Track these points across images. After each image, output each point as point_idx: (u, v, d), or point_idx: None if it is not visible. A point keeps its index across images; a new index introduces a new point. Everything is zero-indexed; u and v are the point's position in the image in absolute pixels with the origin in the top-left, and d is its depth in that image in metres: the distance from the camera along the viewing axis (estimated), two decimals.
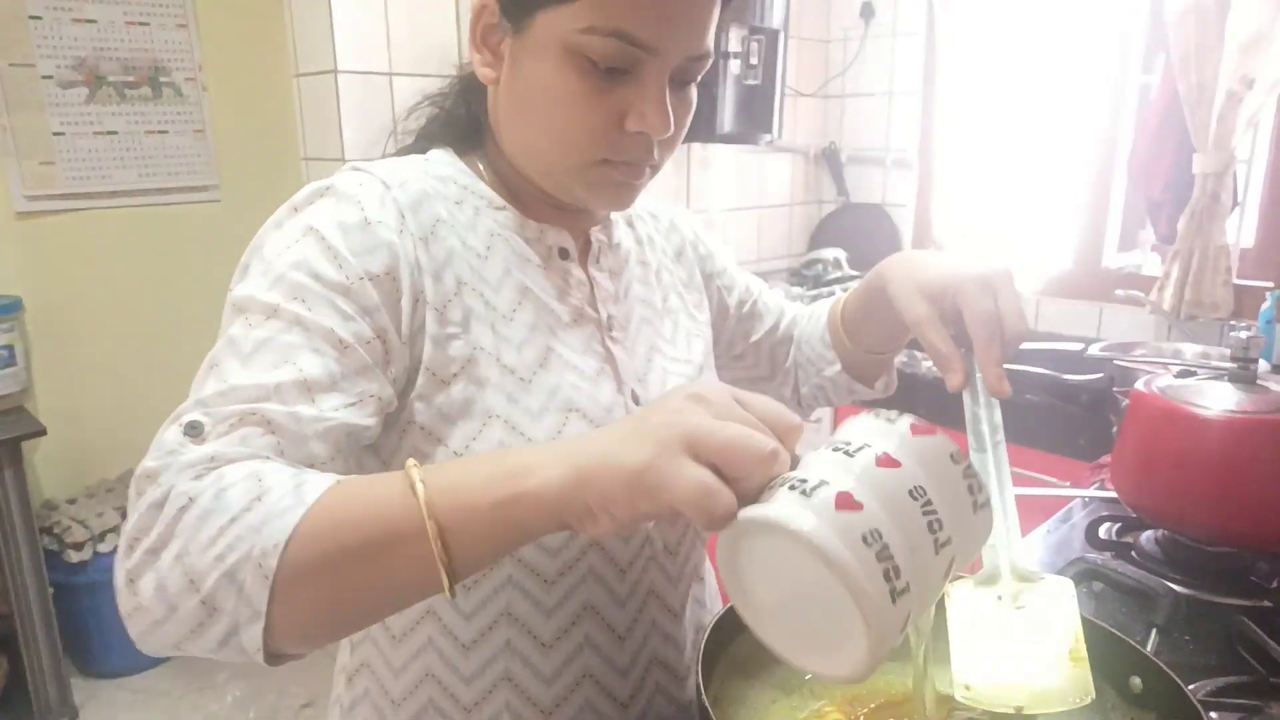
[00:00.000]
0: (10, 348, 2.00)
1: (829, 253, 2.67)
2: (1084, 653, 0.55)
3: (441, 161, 0.71)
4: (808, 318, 0.93)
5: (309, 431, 0.54)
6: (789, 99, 2.57)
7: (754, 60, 2.22)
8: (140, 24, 2.16)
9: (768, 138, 2.37)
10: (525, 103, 0.64)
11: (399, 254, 0.61)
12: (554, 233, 0.71)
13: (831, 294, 2.47)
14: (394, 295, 0.61)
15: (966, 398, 0.64)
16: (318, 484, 0.48)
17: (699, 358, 0.80)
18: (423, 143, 0.75)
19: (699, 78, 0.67)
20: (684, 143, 2.75)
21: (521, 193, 0.71)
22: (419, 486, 0.46)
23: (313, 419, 0.54)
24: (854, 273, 2.63)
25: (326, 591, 0.47)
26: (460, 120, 0.74)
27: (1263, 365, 0.96)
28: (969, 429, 0.63)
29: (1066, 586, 0.56)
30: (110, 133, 2.17)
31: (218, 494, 0.48)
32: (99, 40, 2.13)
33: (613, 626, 0.68)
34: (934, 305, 0.66)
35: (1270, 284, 1.98)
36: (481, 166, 0.72)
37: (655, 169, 0.68)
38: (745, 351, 0.92)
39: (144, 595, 0.47)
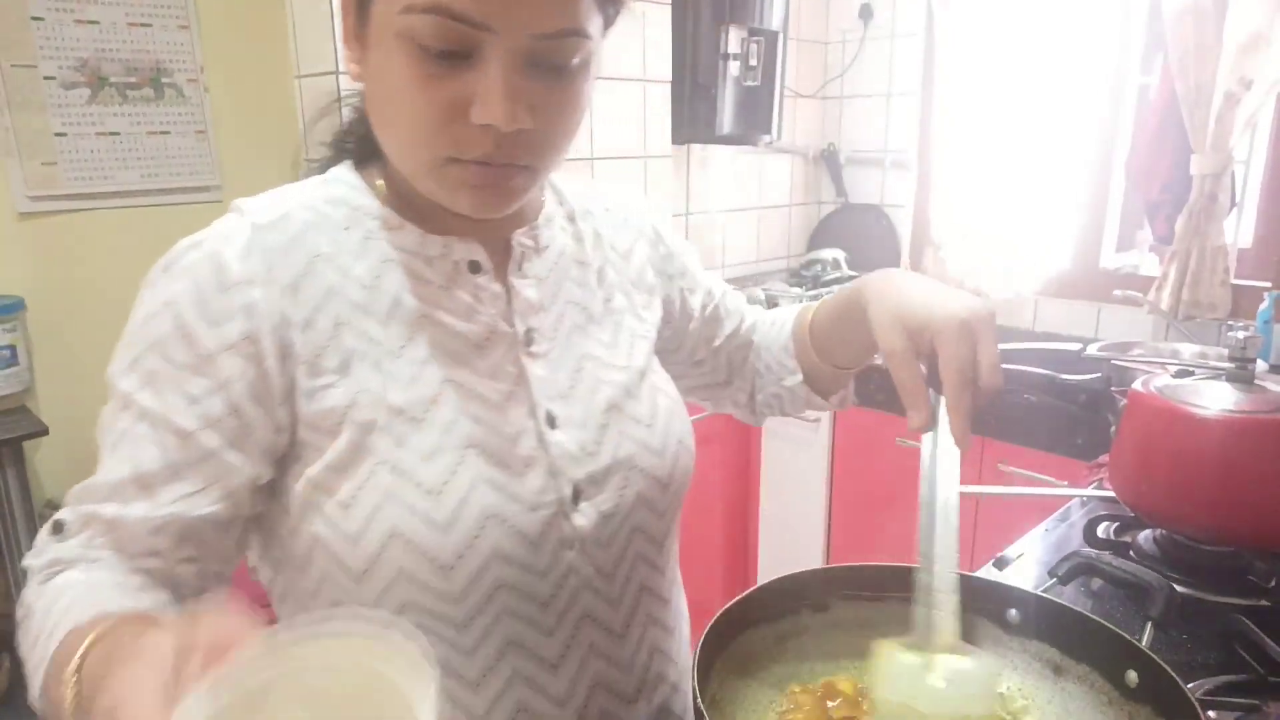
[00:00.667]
0: (12, 347, 2.01)
1: (828, 253, 2.68)
2: None
3: (339, 181, 0.66)
4: (770, 323, 0.88)
5: (141, 530, 0.57)
6: (788, 100, 2.57)
7: (753, 61, 2.23)
8: (142, 25, 2.16)
9: (767, 139, 2.38)
10: (376, 99, 0.60)
11: (260, 313, 0.58)
12: (461, 245, 0.66)
13: (830, 294, 2.48)
14: (256, 358, 0.58)
15: (925, 443, 0.61)
16: (60, 631, 0.51)
17: (641, 361, 0.74)
18: (335, 154, 0.71)
19: (574, 61, 0.58)
20: (683, 143, 2.73)
21: (420, 203, 0.65)
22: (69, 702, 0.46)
23: (142, 519, 0.57)
24: (853, 273, 2.64)
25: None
26: (359, 124, 0.68)
27: (1260, 365, 0.96)
28: (923, 476, 0.60)
29: (992, 668, 0.56)
30: (112, 133, 2.17)
31: (29, 616, 0.55)
32: (101, 41, 2.14)
33: (543, 657, 0.65)
34: (911, 340, 0.62)
35: (1268, 284, 1.99)
36: (382, 178, 0.67)
37: (532, 171, 0.61)
38: (706, 357, 0.87)
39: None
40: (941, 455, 0.59)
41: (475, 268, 0.66)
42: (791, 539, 2.39)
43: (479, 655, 0.63)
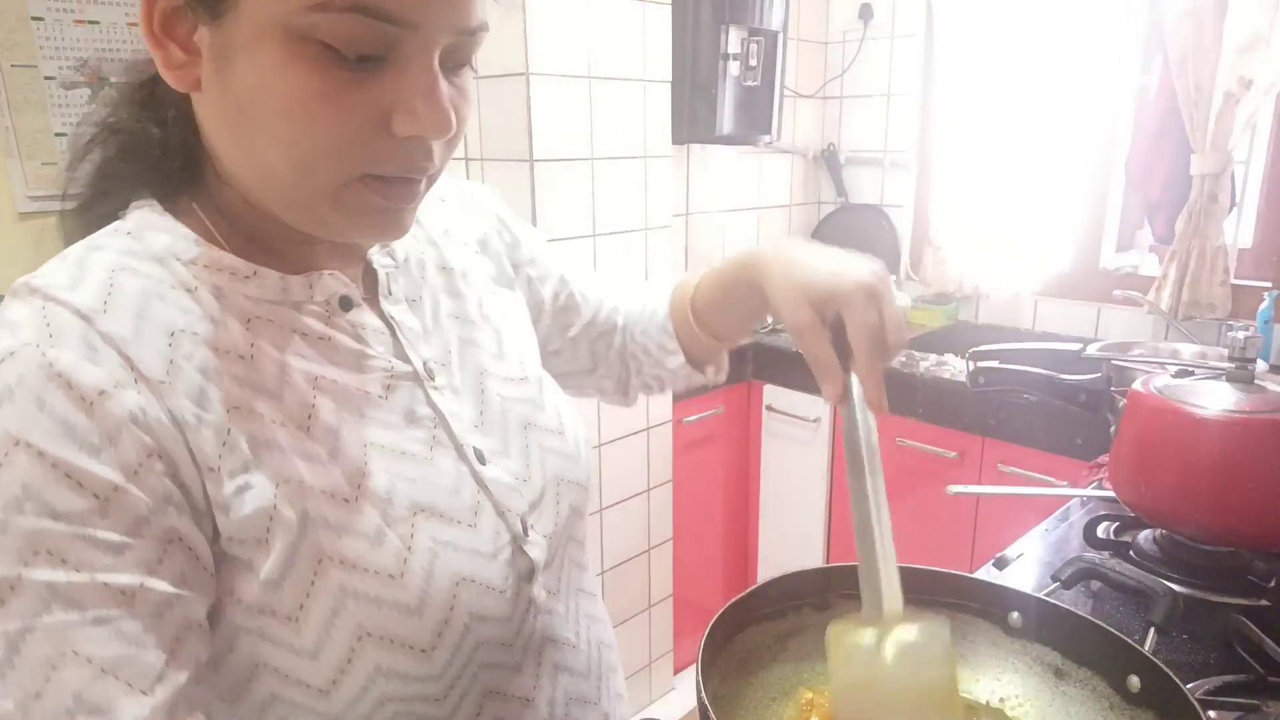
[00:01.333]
0: None
1: None
2: (957, 699, 0.55)
3: (151, 228, 0.52)
4: (640, 307, 0.84)
5: None
6: (788, 100, 2.57)
7: (753, 62, 2.23)
8: None
9: (767, 139, 2.38)
10: (243, 111, 0.48)
11: (149, 420, 0.46)
12: (327, 280, 0.56)
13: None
14: (171, 473, 0.46)
15: (846, 416, 0.60)
16: None
17: (533, 369, 0.70)
18: (112, 195, 0.55)
19: (473, 60, 0.53)
20: (682, 143, 2.72)
21: (264, 236, 0.54)
22: None
23: (149, 717, 0.43)
24: None
25: None
26: (154, 148, 0.53)
27: (1260, 365, 0.97)
28: (846, 447, 0.59)
29: (941, 629, 0.55)
30: None
31: None
32: (101, 41, 2.14)
33: (519, 696, 0.63)
34: (817, 312, 0.60)
35: (1268, 284, 1.99)
36: (204, 215, 0.54)
37: (432, 179, 0.54)
38: (563, 347, 0.82)
39: None
40: (863, 423, 0.59)
41: (346, 304, 0.57)
42: (791, 539, 2.40)
43: (459, 716, 0.59)
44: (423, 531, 0.54)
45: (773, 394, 2.31)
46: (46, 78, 2.06)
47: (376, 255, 0.61)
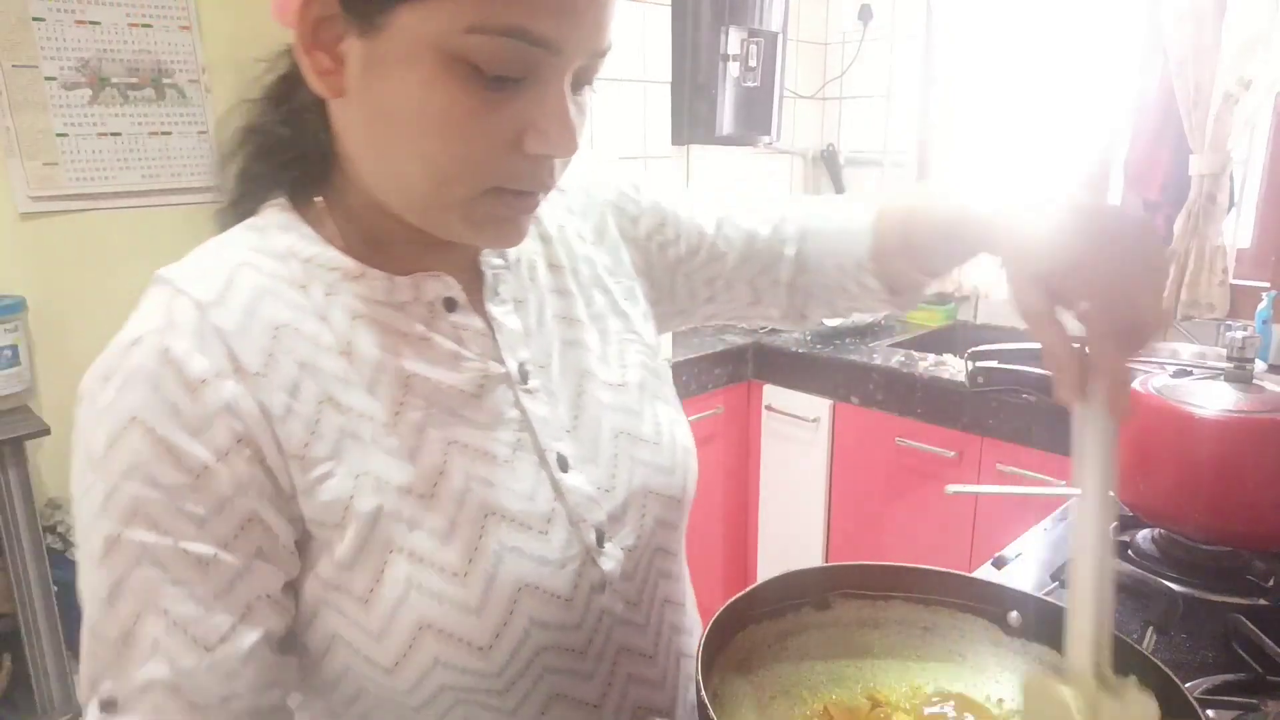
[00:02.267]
0: (14, 347, 2.01)
1: None
2: None
3: (277, 226, 0.57)
4: (826, 236, 0.75)
5: (209, 682, 0.50)
6: (788, 101, 2.57)
7: (753, 62, 2.23)
8: (143, 25, 2.16)
9: (766, 139, 2.38)
10: (387, 123, 0.50)
11: (243, 410, 0.50)
12: (431, 282, 0.58)
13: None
14: (257, 459, 0.51)
15: (1077, 418, 0.52)
16: None
17: (635, 374, 0.68)
18: (251, 194, 0.60)
19: (595, 79, 0.55)
20: (682, 144, 2.71)
21: (385, 237, 0.58)
22: None
23: (207, 668, 0.49)
24: None
25: None
26: (287, 149, 0.57)
27: (1259, 365, 0.97)
28: (1075, 461, 0.52)
29: (1150, 708, 0.49)
30: (114, 134, 2.17)
31: None
32: (102, 42, 2.14)
33: (586, 701, 0.63)
34: (1051, 299, 0.52)
35: (1267, 284, 1.99)
36: (330, 213, 0.58)
37: (549, 190, 0.56)
38: (716, 293, 0.79)
39: None
40: (1092, 433, 0.50)
41: (450, 305, 0.59)
42: (791, 539, 2.40)
43: (522, 714, 0.60)
44: (491, 534, 0.56)
45: (773, 394, 2.31)
46: (47, 78, 2.06)
47: (487, 256, 0.63)
